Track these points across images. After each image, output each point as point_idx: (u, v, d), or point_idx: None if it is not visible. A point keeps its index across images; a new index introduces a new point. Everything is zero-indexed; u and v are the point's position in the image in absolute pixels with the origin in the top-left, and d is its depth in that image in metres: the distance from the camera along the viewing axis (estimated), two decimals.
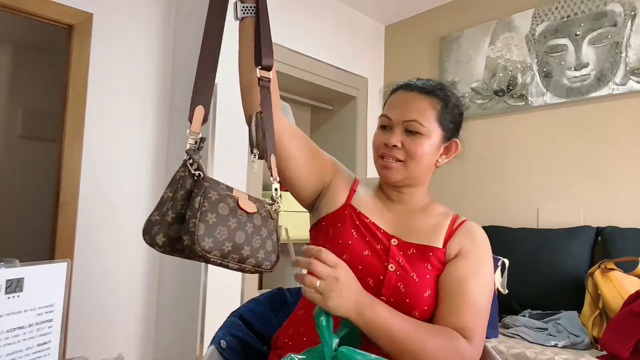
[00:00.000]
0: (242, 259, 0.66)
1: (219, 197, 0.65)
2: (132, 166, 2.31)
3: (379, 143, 0.93)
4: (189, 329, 2.08)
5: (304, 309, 0.91)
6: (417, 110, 0.90)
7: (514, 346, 1.71)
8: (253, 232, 0.68)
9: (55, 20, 2.09)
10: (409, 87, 0.94)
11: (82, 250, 2.11)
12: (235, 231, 0.65)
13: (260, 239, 0.69)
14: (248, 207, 0.68)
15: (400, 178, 0.91)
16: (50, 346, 0.69)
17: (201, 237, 0.61)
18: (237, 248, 0.65)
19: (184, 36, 2.42)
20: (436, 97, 0.92)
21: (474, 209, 2.59)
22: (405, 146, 0.89)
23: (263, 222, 0.70)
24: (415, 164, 0.90)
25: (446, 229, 0.91)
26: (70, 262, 0.72)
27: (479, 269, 0.86)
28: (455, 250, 0.88)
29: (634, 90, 2.13)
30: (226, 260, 0.65)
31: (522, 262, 2.12)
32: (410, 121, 0.89)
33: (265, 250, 0.69)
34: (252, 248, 0.67)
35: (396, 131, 0.90)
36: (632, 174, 2.12)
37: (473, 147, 2.68)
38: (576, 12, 2.33)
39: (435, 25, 2.96)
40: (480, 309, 0.83)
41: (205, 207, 0.62)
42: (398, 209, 0.95)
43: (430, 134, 0.90)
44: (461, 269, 0.85)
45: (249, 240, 0.67)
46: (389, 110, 0.93)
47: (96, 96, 2.20)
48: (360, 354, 0.58)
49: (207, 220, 0.62)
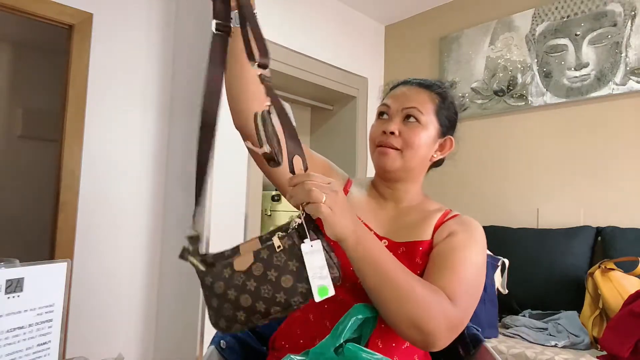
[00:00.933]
0: (265, 314, 0.64)
1: (213, 279, 0.68)
2: (132, 166, 2.31)
3: (377, 132, 0.92)
4: (189, 329, 2.08)
5: (300, 310, 0.89)
6: (417, 100, 0.91)
7: (514, 346, 1.71)
8: (257, 285, 0.65)
9: (55, 20, 2.09)
10: (408, 82, 0.96)
11: (82, 250, 2.11)
12: (238, 298, 0.65)
13: (271, 284, 0.64)
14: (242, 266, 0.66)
15: (396, 167, 0.89)
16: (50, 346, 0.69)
17: (215, 322, 0.67)
18: (250, 310, 0.65)
19: (184, 36, 2.42)
20: (434, 92, 0.93)
21: (474, 209, 2.59)
22: (403, 134, 0.89)
23: (267, 266, 0.65)
24: (412, 154, 0.89)
25: (436, 221, 0.89)
26: (70, 262, 0.72)
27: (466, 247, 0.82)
28: (445, 234, 0.85)
29: (634, 90, 2.13)
30: (252, 324, 0.66)
31: (522, 262, 2.12)
32: (409, 108, 0.90)
33: (284, 289, 0.64)
34: (266, 299, 0.64)
35: (395, 119, 0.91)
36: (632, 174, 2.12)
37: (473, 147, 2.68)
38: (576, 12, 2.33)
39: (435, 25, 2.96)
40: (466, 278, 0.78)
41: (207, 294, 0.68)
42: (391, 207, 0.94)
43: (427, 125, 0.90)
44: (449, 244, 0.82)
45: (257, 296, 0.64)
46: (388, 100, 0.94)
47: (96, 96, 2.20)
48: (366, 351, 0.58)
49: (213, 306, 0.67)
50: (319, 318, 0.84)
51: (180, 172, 2.32)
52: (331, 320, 0.83)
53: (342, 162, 3.04)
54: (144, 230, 2.34)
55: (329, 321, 0.83)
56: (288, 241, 0.65)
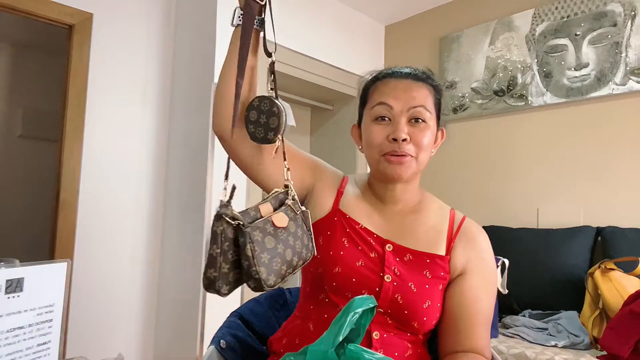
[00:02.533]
0: (294, 267, 0.72)
1: (262, 233, 0.68)
2: (132, 166, 2.31)
3: (380, 138, 0.83)
4: (189, 329, 2.08)
5: (300, 318, 0.88)
6: (422, 96, 0.84)
7: (514, 346, 1.71)
8: (294, 240, 0.72)
9: (55, 20, 2.09)
10: (400, 74, 0.87)
11: (82, 250, 2.11)
12: (284, 252, 0.70)
13: (300, 240, 0.73)
14: (282, 222, 0.72)
15: (410, 173, 0.84)
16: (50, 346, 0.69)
17: (266, 278, 0.66)
18: (289, 264, 0.71)
19: (184, 36, 2.42)
20: (430, 84, 0.88)
21: (474, 209, 2.59)
22: (413, 138, 0.82)
23: (296, 224, 0.74)
24: (424, 157, 0.84)
25: (446, 233, 0.86)
26: (70, 262, 0.72)
27: (488, 281, 0.85)
28: (461, 264, 0.85)
29: (634, 90, 2.13)
30: (285, 278, 0.71)
31: (522, 262, 2.12)
32: (417, 107, 0.82)
33: (304, 245, 0.74)
34: (298, 254, 0.72)
35: (401, 122, 0.82)
36: (632, 174, 2.12)
37: (473, 147, 2.68)
38: (576, 12, 2.33)
39: (435, 25, 2.96)
40: (489, 319, 0.83)
41: (257, 250, 0.66)
42: (389, 210, 0.89)
43: (431, 123, 0.85)
44: (474, 289, 0.83)
45: (294, 250, 0.72)
46: (387, 98, 0.84)
47: (96, 96, 2.20)
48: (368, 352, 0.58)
49: (263, 261, 0.67)
50: (319, 328, 0.82)
51: (180, 172, 2.32)
52: None
53: (342, 162, 3.04)
54: (144, 230, 2.34)
55: None
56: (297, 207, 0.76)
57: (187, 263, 2.17)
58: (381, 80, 0.89)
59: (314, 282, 0.87)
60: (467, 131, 2.73)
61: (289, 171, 0.82)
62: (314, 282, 0.86)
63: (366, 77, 0.94)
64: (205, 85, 2.19)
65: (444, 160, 2.74)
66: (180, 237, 2.27)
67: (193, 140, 2.25)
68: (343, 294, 0.82)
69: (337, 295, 0.82)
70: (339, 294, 0.82)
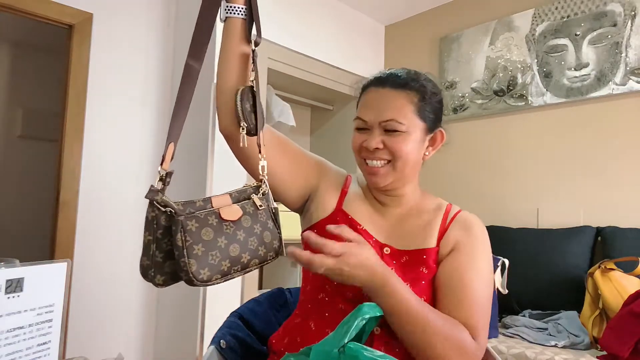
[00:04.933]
0: (245, 266, 0.67)
1: (198, 224, 0.64)
2: (132, 166, 2.31)
3: (358, 146, 0.88)
4: (189, 329, 2.08)
5: (300, 317, 0.89)
6: (393, 108, 0.84)
7: (514, 346, 1.71)
8: (246, 236, 0.67)
9: (55, 20, 2.09)
10: (380, 82, 0.88)
11: (82, 250, 2.11)
12: (228, 247, 0.65)
13: (256, 237, 0.68)
14: (232, 215, 0.67)
15: (389, 181, 0.86)
16: (50, 346, 0.69)
17: (196, 272, 0.62)
18: (235, 260, 0.65)
19: (184, 36, 2.42)
20: (411, 90, 0.85)
21: (474, 209, 2.57)
22: (388, 145, 0.84)
23: (253, 219, 0.69)
24: (402, 163, 0.85)
25: (439, 225, 0.87)
26: (70, 262, 0.72)
27: (475, 261, 0.82)
28: (450, 245, 0.85)
29: (634, 90, 2.13)
30: (230, 276, 0.66)
31: (522, 262, 2.12)
32: (387, 121, 0.83)
33: (264, 243, 0.69)
34: (250, 251, 0.67)
35: (374, 133, 0.85)
36: (632, 174, 2.12)
37: (473, 147, 2.68)
38: (576, 12, 2.33)
39: (435, 25, 2.96)
40: (482, 304, 0.80)
41: (189, 241, 0.62)
42: (390, 213, 0.90)
43: (411, 130, 0.84)
44: (457, 262, 0.82)
45: (244, 246, 0.66)
46: (362, 112, 0.87)
47: (96, 96, 2.20)
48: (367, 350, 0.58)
49: (195, 253, 0.62)
50: (321, 326, 0.83)
51: (180, 172, 2.32)
52: (332, 329, 0.82)
53: (342, 162, 3.03)
54: None
55: (330, 329, 0.82)
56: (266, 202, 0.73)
57: None
58: (366, 89, 0.91)
59: (314, 281, 0.87)
60: (467, 131, 2.73)
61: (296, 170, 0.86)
62: (314, 281, 0.87)
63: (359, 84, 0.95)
64: (205, 85, 2.19)
65: (444, 160, 2.74)
66: None
67: (193, 140, 2.25)
68: (344, 294, 0.82)
69: (338, 294, 0.83)
70: (340, 294, 0.82)
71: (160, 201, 0.64)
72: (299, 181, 0.89)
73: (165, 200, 0.65)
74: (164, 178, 0.67)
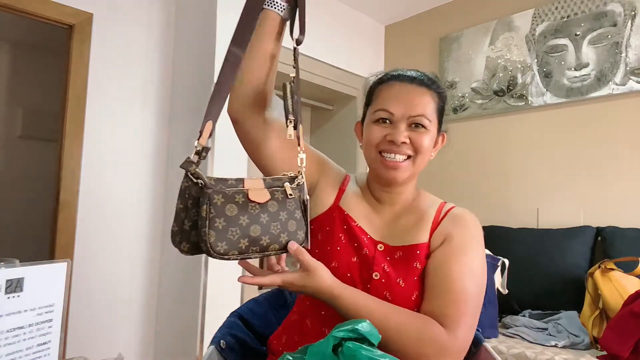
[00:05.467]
0: (263, 249, 0.69)
1: (224, 199, 0.67)
2: (132, 166, 2.31)
3: (378, 138, 0.86)
4: (189, 329, 2.08)
5: (297, 314, 0.89)
6: (424, 105, 0.86)
7: (514, 346, 1.71)
8: (269, 220, 0.69)
9: (55, 20, 2.09)
10: (405, 78, 0.89)
11: (82, 250, 2.11)
12: (249, 226, 0.67)
13: (280, 223, 0.70)
14: (259, 198, 0.69)
15: (407, 176, 0.87)
16: (50, 346, 0.69)
17: (214, 243, 0.65)
18: (254, 241, 0.68)
19: (184, 36, 2.42)
20: (434, 91, 0.89)
21: (474, 209, 2.57)
22: (413, 140, 0.85)
23: (280, 206, 0.71)
24: (422, 159, 0.87)
25: (432, 221, 0.87)
26: (70, 262, 0.72)
27: (465, 255, 0.81)
28: (441, 238, 0.85)
29: (634, 90, 2.13)
30: (247, 255, 0.68)
31: (522, 262, 2.12)
32: (417, 116, 0.85)
33: (288, 231, 0.70)
34: (272, 235, 0.69)
35: (400, 127, 0.85)
36: (632, 174, 2.12)
37: (473, 147, 2.68)
38: (576, 12, 2.33)
39: (435, 25, 2.96)
40: (465, 296, 0.77)
41: (212, 213, 0.65)
42: (385, 210, 0.91)
43: (431, 129, 0.87)
44: (443, 255, 0.82)
45: (266, 229, 0.68)
46: (389, 104, 0.86)
47: (96, 96, 2.20)
48: (366, 349, 0.58)
49: (217, 226, 0.65)
50: (317, 325, 0.84)
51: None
52: (329, 327, 0.82)
53: (342, 162, 3.03)
54: (144, 230, 2.34)
55: (327, 327, 0.83)
56: (298, 192, 0.73)
57: (187, 263, 2.17)
58: (386, 82, 0.90)
59: None
60: (467, 131, 2.73)
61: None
62: None
63: (372, 78, 0.95)
64: (205, 85, 2.19)
65: (444, 161, 2.74)
66: None
67: (193, 139, 2.24)
68: None
69: None
70: None
71: (193, 172, 0.68)
72: None
73: (198, 172, 0.68)
74: (200, 152, 0.71)
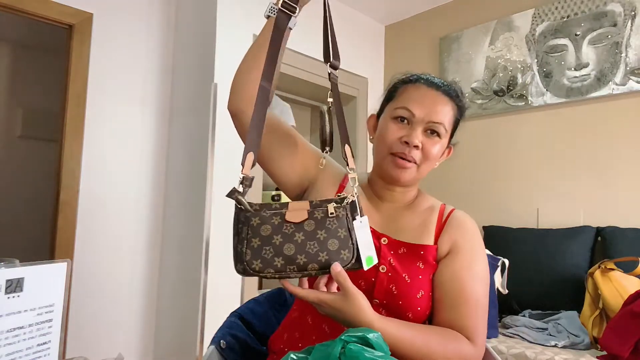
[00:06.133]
0: (301, 267, 0.69)
1: (261, 220, 0.70)
2: (132, 166, 2.31)
3: (394, 138, 0.87)
4: (189, 329, 2.08)
5: (298, 311, 0.90)
6: (445, 113, 0.87)
7: (514, 346, 1.71)
8: (305, 239, 0.70)
9: (55, 20, 2.09)
10: (432, 84, 0.90)
11: (82, 250, 2.11)
12: (283, 245, 0.69)
13: (317, 242, 0.70)
14: (295, 218, 0.71)
15: (410, 179, 0.88)
16: (50, 346, 0.69)
17: (249, 262, 0.69)
18: (290, 260, 0.69)
19: (184, 36, 2.42)
20: (456, 103, 0.91)
21: (474, 209, 2.59)
22: (424, 147, 0.86)
23: (318, 225, 0.71)
24: (428, 166, 0.89)
25: (435, 224, 0.90)
26: (70, 262, 0.72)
27: (472, 264, 0.85)
28: (447, 246, 0.87)
29: (634, 90, 2.13)
30: (285, 273, 0.69)
31: (522, 262, 2.12)
32: (436, 123, 0.86)
33: (328, 250, 0.70)
34: (308, 254, 0.69)
35: (417, 129, 0.86)
36: (632, 174, 2.12)
37: (473, 147, 2.68)
38: (576, 12, 2.33)
39: (435, 25, 2.96)
40: (479, 305, 0.82)
41: (249, 234, 0.70)
42: (386, 207, 0.93)
43: (444, 138, 0.89)
44: (455, 266, 0.85)
45: (301, 249, 0.69)
46: (412, 104, 0.87)
47: (96, 96, 2.20)
48: (368, 351, 0.59)
49: (252, 245, 0.69)
50: (317, 322, 0.84)
51: (180, 172, 2.32)
52: (329, 325, 0.83)
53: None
54: (144, 230, 2.34)
55: (327, 324, 0.83)
56: (342, 211, 0.72)
57: (188, 263, 2.17)
58: (413, 83, 0.91)
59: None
60: (467, 131, 2.71)
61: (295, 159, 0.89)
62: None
63: (398, 75, 0.97)
64: (205, 85, 2.19)
65: (444, 160, 2.74)
66: (181, 237, 2.27)
67: (193, 139, 2.25)
68: None
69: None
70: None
71: (236, 199, 0.71)
72: (298, 170, 0.91)
73: (240, 199, 0.72)
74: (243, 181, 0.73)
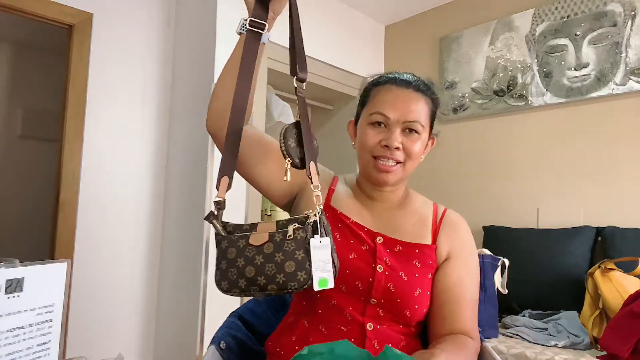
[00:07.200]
0: (262, 288, 0.72)
1: (228, 244, 0.76)
2: (132, 166, 2.31)
3: (373, 142, 0.88)
4: (189, 329, 2.08)
5: (294, 315, 0.90)
6: (419, 110, 0.88)
7: (514, 346, 1.71)
8: (264, 262, 0.72)
9: (55, 20, 2.09)
10: (402, 83, 0.90)
11: (82, 250, 2.12)
12: (245, 268, 0.73)
13: (275, 264, 0.72)
14: (257, 241, 0.74)
15: (397, 179, 0.89)
16: (50, 346, 0.69)
17: (218, 282, 0.75)
18: (251, 281, 0.73)
19: (184, 36, 2.42)
20: (429, 96, 0.91)
21: (474, 208, 2.59)
22: (405, 146, 0.87)
23: (277, 248, 0.73)
24: (412, 164, 0.90)
25: (431, 224, 0.92)
26: (70, 262, 0.72)
27: (468, 265, 0.90)
28: (446, 249, 0.90)
29: (634, 90, 2.13)
30: (250, 292, 0.73)
31: (522, 262, 2.12)
32: (412, 122, 0.87)
33: (284, 272, 0.71)
34: (267, 276, 0.72)
35: (395, 131, 0.87)
36: (632, 174, 2.12)
37: (473, 147, 2.68)
38: (576, 12, 2.33)
39: (435, 25, 2.96)
40: (475, 304, 0.89)
41: (219, 256, 0.76)
42: (377, 207, 0.93)
43: (423, 133, 0.90)
44: (457, 272, 0.88)
45: (260, 270, 0.72)
46: (385, 108, 0.87)
47: (96, 96, 2.20)
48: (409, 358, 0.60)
49: (221, 267, 0.76)
50: (313, 323, 0.84)
51: (180, 172, 2.32)
52: (326, 325, 0.83)
53: (342, 161, 3.04)
54: (144, 230, 2.34)
55: (324, 326, 0.83)
56: (301, 233, 0.73)
57: (187, 263, 2.18)
58: (383, 85, 0.92)
59: None
60: (467, 131, 2.73)
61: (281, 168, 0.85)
62: None
63: (368, 79, 0.98)
64: (205, 85, 2.19)
65: (444, 160, 2.74)
66: (180, 237, 2.27)
67: (193, 140, 2.25)
68: (337, 287, 0.82)
69: (331, 291, 0.83)
70: (333, 291, 0.83)
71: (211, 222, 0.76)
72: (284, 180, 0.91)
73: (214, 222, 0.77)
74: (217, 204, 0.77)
